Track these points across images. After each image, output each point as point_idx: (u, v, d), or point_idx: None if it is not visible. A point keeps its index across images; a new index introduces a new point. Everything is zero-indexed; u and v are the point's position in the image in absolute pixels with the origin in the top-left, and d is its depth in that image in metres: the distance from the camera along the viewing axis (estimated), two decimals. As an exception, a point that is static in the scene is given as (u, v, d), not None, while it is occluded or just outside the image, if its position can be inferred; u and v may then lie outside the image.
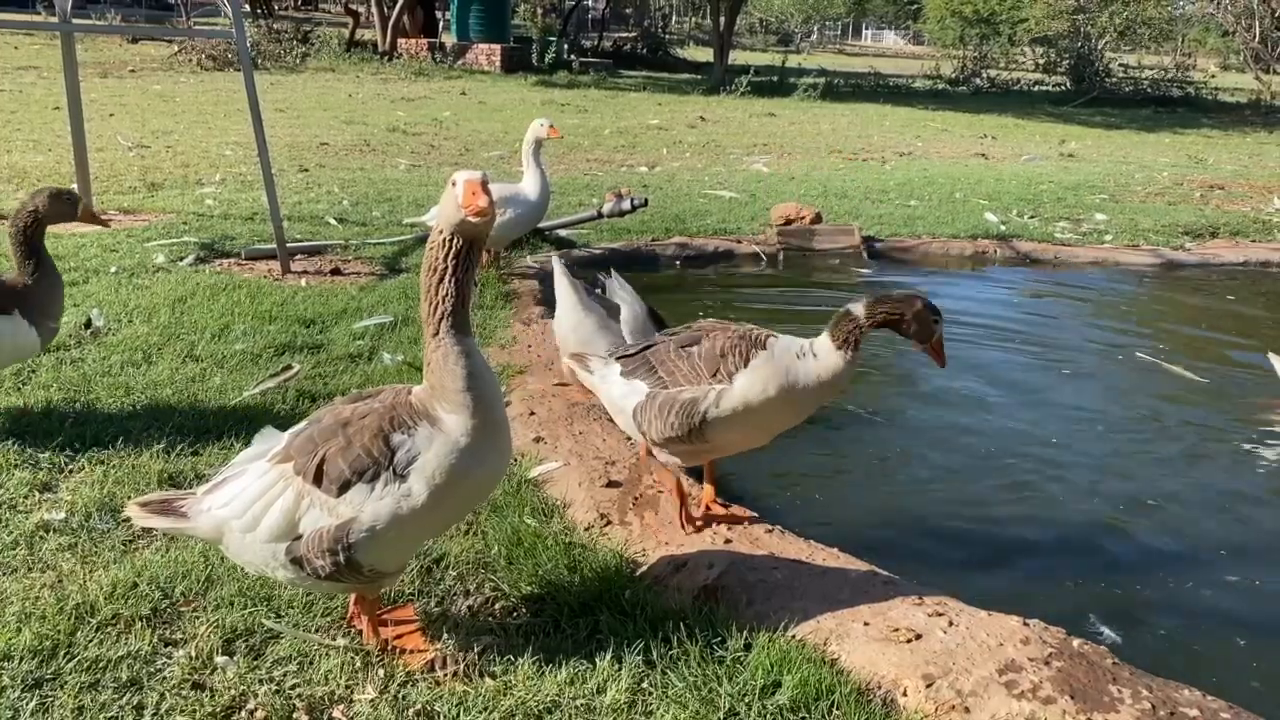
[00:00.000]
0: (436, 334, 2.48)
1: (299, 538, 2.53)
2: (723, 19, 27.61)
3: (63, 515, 3.30)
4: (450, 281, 2.45)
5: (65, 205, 3.80)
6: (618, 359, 3.47)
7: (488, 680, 2.62)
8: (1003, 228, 9.17)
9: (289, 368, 4.66)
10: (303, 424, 2.68)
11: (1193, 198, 11.62)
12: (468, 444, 2.50)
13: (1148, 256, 8.63)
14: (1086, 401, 5.35)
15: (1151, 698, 2.51)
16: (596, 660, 2.70)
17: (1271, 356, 5.18)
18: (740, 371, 3.14)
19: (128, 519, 3.29)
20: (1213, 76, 35.27)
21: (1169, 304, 7.58)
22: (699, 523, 3.37)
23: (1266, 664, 3.20)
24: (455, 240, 2.43)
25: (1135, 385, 5.67)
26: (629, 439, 4.06)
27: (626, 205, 7.52)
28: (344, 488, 2.49)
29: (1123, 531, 3.99)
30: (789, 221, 8.47)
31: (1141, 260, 8.54)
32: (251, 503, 2.55)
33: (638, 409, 3.30)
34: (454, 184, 2.41)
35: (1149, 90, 28.57)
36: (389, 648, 2.73)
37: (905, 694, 2.58)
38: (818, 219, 8.50)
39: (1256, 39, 26.64)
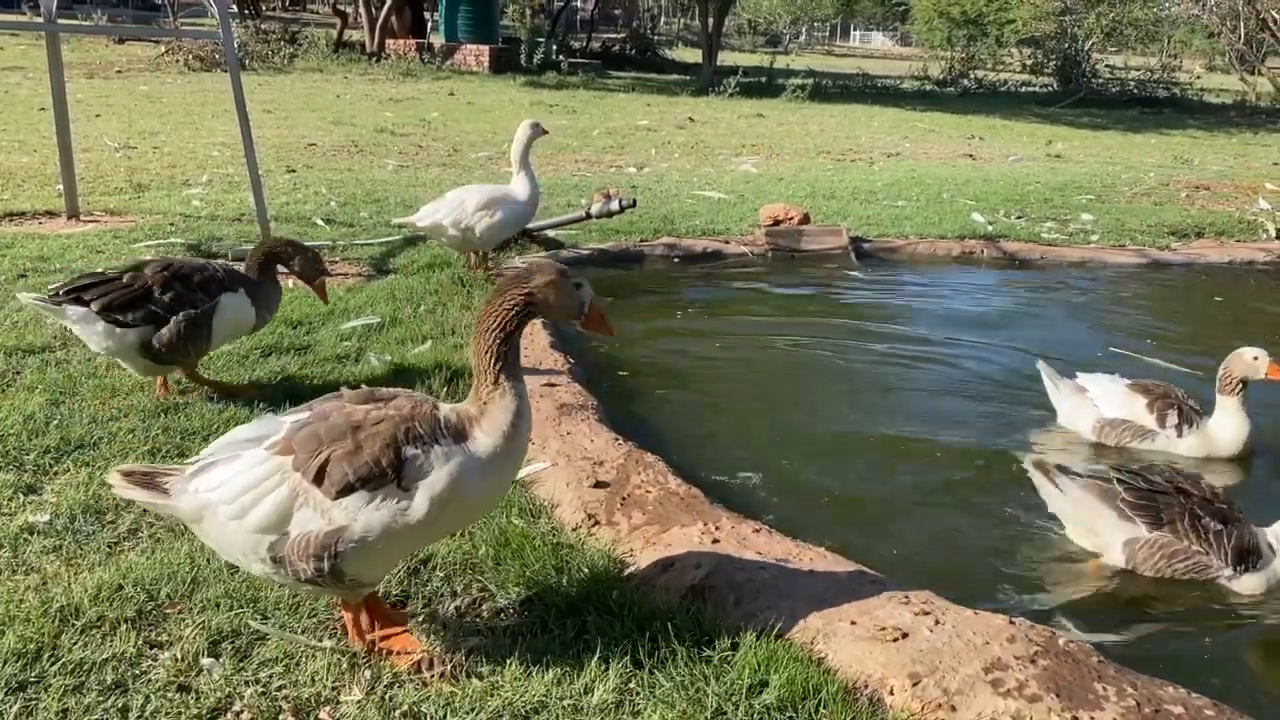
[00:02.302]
0: (497, 382, 2.62)
1: (285, 535, 2.51)
2: (711, 20, 27.64)
3: (47, 518, 3.28)
4: (514, 339, 2.64)
5: (311, 265, 4.57)
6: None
7: (475, 681, 2.62)
8: (990, 228, 9.20)
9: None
10: (303, 413, 2.64)
11: (1178, 198, 11.68)
12: (491, 465, 2.60)
13: (1134, 256, 8.67)
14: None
15: (1136, 695, 2.52)
16: (584, 661, 2.70)
17: (1041, 365, 5.04)
18: None
19: (112, 521, 3.30)
20: (1198, 78, 35.46)
21: (1162, 303, 7.61)
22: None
23: (1253, 661, 3.21)
24: (527, 309, 2.62)
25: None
26: (618, 439, 4.06)
27: (615, 206, 7.52)
28: (344, 492, 2.48)
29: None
30: (777, 222, 8.48)
31: (1128, 260, 8.58)
32: (243, 491, 2.50)
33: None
34: None
35: (1135, 91, 28.72)
36: (376, 649, 2.72)
37: (892, 692, 2.58)
38: (806, 219, 8.52)
39: (1241, 40, 26.78)
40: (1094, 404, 4.83)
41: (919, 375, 5.63)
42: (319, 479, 2.48)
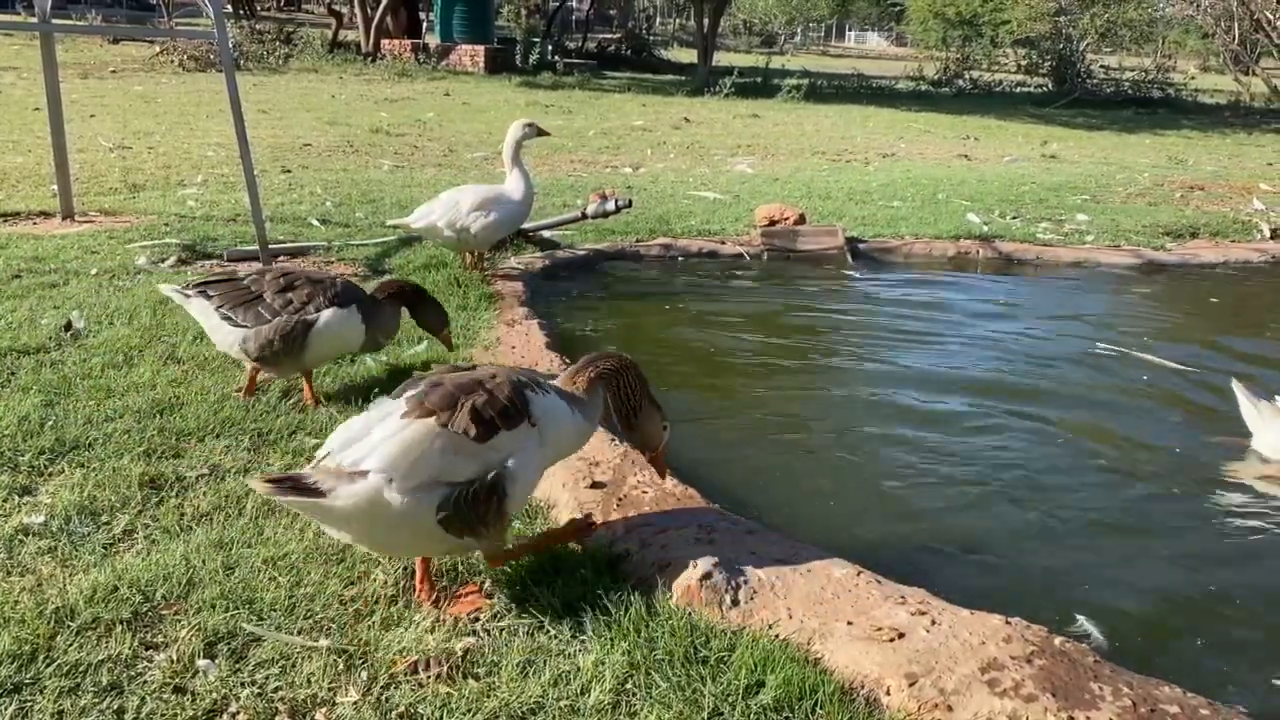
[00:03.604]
0: (591, 385, 3.14)
1: (451, 488, 2.71)
2: (706, 20, 27.65)
3: (42, 519, 3.27)
4: (612, 384, 3.18)
5: (435, 316, 4.75)
6: None
7: (471, 682, 2.62)
8: (985, 228, 9.21)
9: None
10: (413, 388, 2.84)
11: (1173, 198, 11.70)
12: (579, 432, 3.12)
13: (1129, 257, 8.69)
14: (1070, 396, 5.38)
15: (1132, 695, 2.53)
16: (580, 661, 2.70)
17: (1235, 385, 4.87)
18: None
19: (107, 523, 3.29)
20: (1192, 78, 35.50)
21: (1155, 302, 7.63)
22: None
23: (1247, 661, 3.22)
24: (628, 382, 3.17)
25: (1120, 380, 5.70)
26: (614, 440, 4.06)
27: (611, 206, 7.52)
28: (492, 433, 2.75)
29: (1105, 528, 4.01)
30: (773, 222, 8.48)
31: (1122, 260, 8.60)
32: (399, 456, 2.66)
33: None
34: None
35: (1130, 92, 28.74)
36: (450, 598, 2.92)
37: (888, 693, 2.58)
38: (801, 220, 8.52)
39: (1235, 41, 26.85)
40: None
41: (916, 374, 5.64)
42: (466, 427, 2.72)
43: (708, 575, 3.00)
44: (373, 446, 2.68)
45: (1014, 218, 9.88)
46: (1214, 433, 4.99)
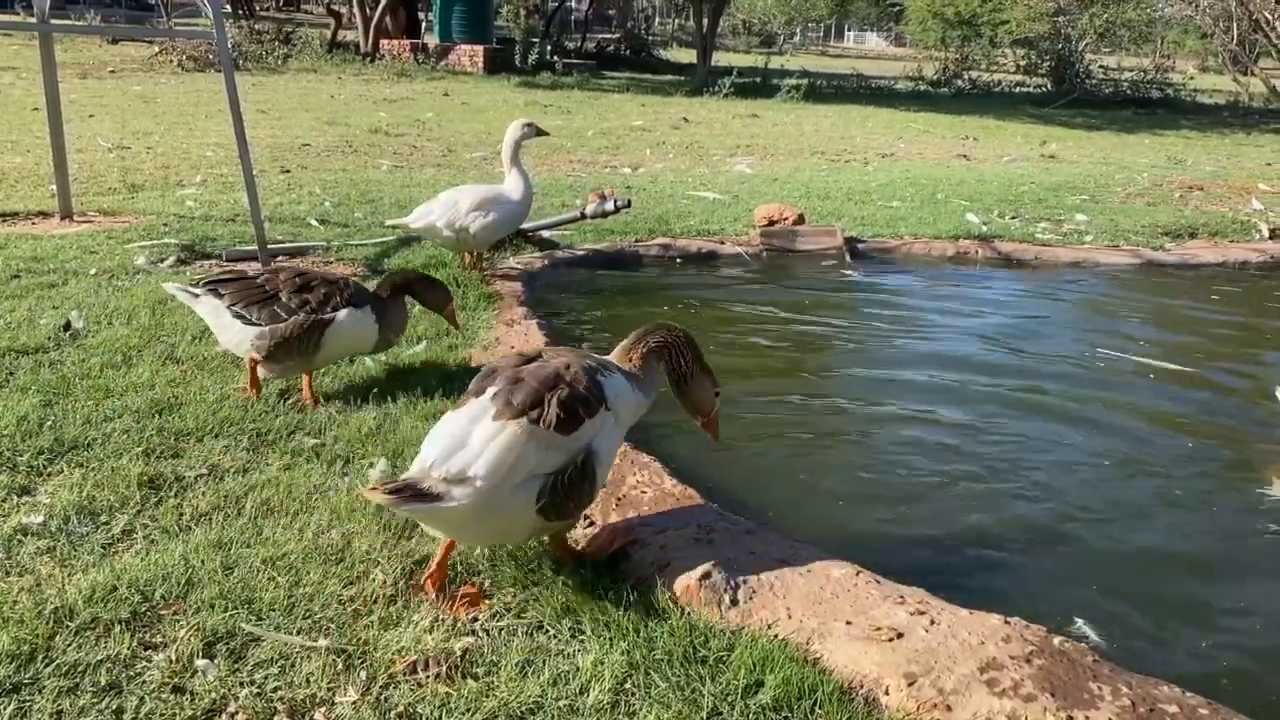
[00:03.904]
0: (645, 359, 3.25)
1: (545, 481, 2.87)
2: (705, 20, 27.64)
3: (41, 519, 3.27)
4: (665, 354, 3.27)
5: (437, 295, 4.72)
6: None
7: (470, 682, 2.62)
8: (984, 228, 9.22)
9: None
10: (493, 385, 2.95)
11: (1172, 198, 11.71)
12: (639, 409, 3.24)
13: (1128, 257, 8.69)
14: (1068, 398, 5.38)
15: (1131, 694, 2.53)
16: (579, 661, 2.70)
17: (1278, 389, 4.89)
18: None
19: (106, 523, 3.29)
20: (1191, 78, 35.51)
21: (1155, 303, 7.63)
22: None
23: (1245, 660, 3.22)
24: (680, 351, 3.28)
25: (1119, 381, 5.70)
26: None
27: (610, 206, 7.52)
28: (577, 425, 2.90)
29: (1103, 527, 4.01)
30: (772, 222, 8.48)
31: (1122, 260, 8.60)
32: (501, 460, 2.80)
33: None
34: None
35: (1129, 92, 28.75)
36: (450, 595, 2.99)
37: (887, 692, 2.58)
38: (800, 220, 8.53)
39: (1234, 41, 26.86)
40: None
41: (914, 374, 5.64)
42: (555, 423, 2.86)
43: (707, 575, 3.00)
44: (475, 454, 2.81)
45: (1013, 218, 9.89)
46: (1212, 433, 5.00)
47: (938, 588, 3.04)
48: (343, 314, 4.31)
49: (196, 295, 4.33)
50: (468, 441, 2.84)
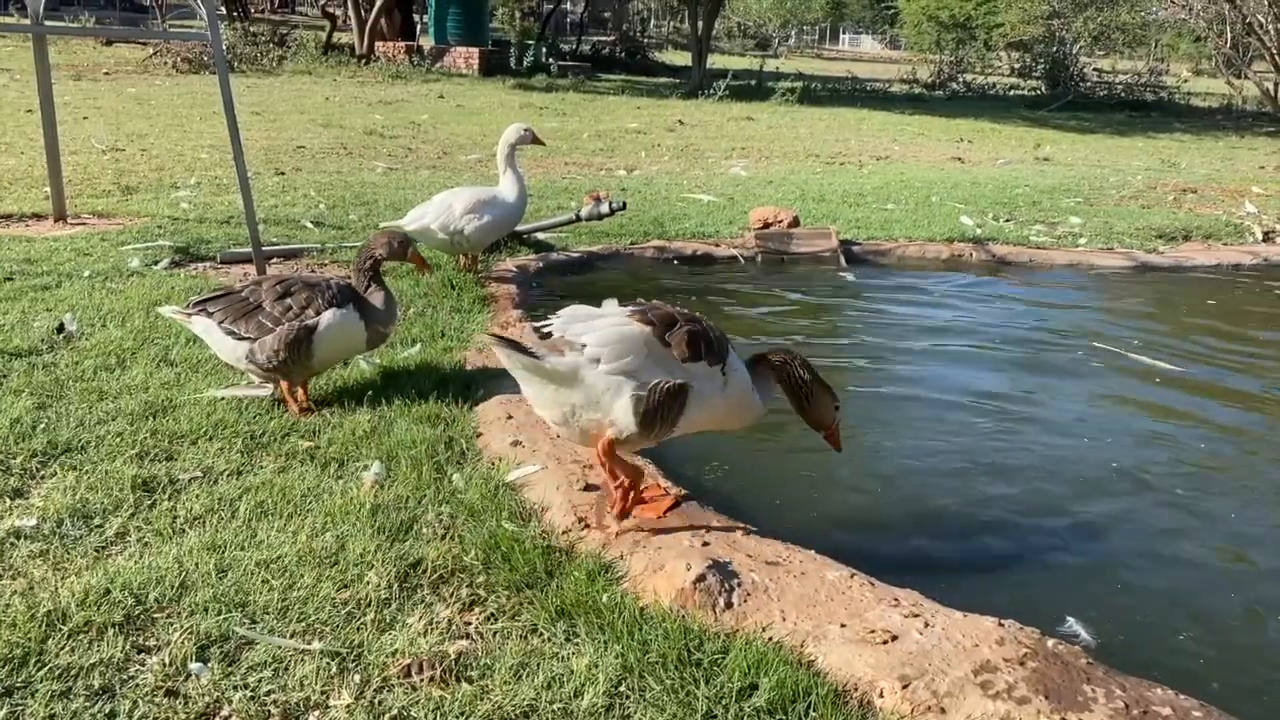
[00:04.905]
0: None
1: (644, 384, 3.14)
2: (701, 23, 27.67)
3: (34, 521, 3.26)
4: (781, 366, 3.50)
5: (399, 248, 4.64)
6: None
7: (465, 685, 2.62)
8: (979, 231, 9.23)
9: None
10: (634, 305, 3.31)
11: (1166, 201, 11.73)
12: (751, 407, 3.46)
13: (1121, 259, 8.71)
14: (1063, 399, 5.39)
15: (1125, 697, 2.53)
16: (574, 664, 2.70)
17: None
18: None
19: (100, 525, 3.28)
20: (1185, 81, 35.67)
21: (1149, 305, 7.65)
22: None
23: (1239, 662, 3.23)
24: (797, 372, 3.48)
25: (1114, 383, 5.72)
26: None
27: (605, 208, 7.52)
28: (694, 359, 3.20)
29: (1098, 528, 4.02)
30: (767, 225, 8.49)
31: (1115, 263, 8.62)
32: (616, 344, 3.13)
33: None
34: None
35: (1123, 95, 28.85)
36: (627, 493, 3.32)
37: (882, 695, 2.59)
38: (795, 222, 8.53)
39: (1228, 44, 26.93)
40: None
41: (909, 376, 5.64)
42: (678, 343, 3.18)
43: (701, 578, 3.00)
44: (592, 329, 3.16)
45: (1007, 220, 9.90)
46: (1209, 433, 5.01)
47: (932, 590, 3.05)
48: (327, 316, 4.27)
49: (190, 316, 4.33)
50: (592, 323, 3.18)
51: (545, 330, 3.26)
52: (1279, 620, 3.45)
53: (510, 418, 4.26)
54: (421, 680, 2.63)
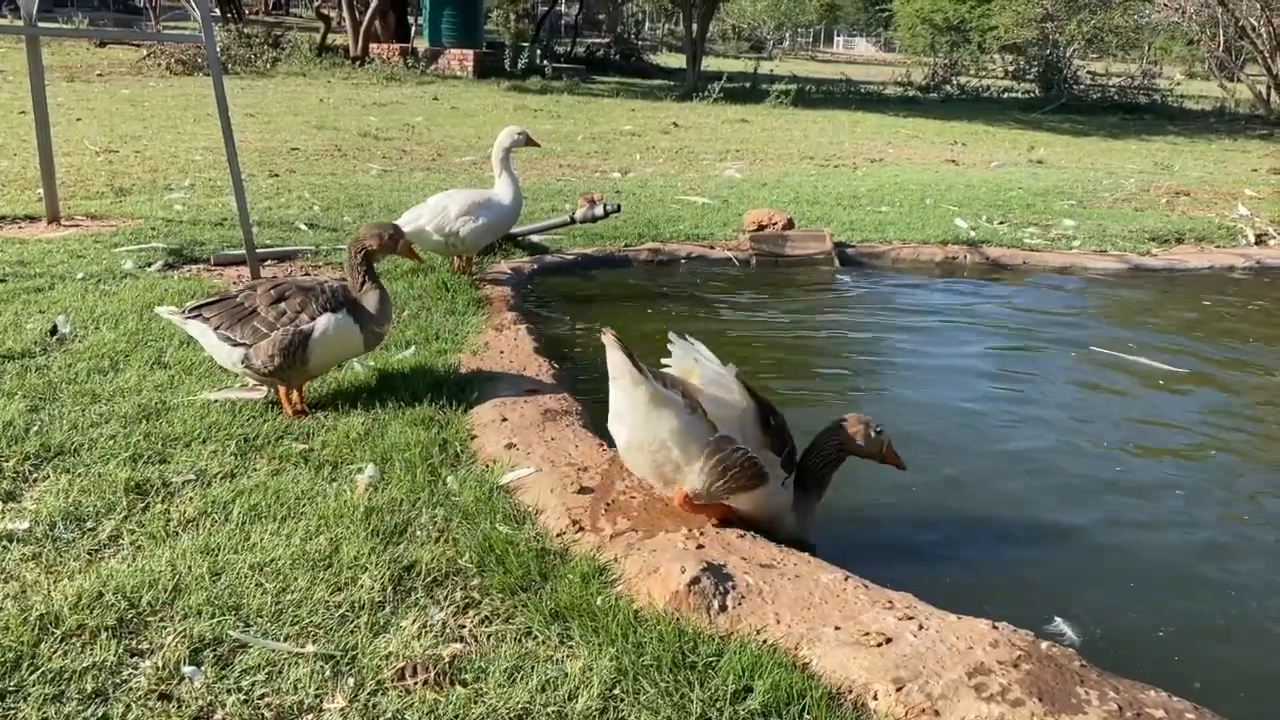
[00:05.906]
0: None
1: (730, 441, 3.31)
2: (695, 26, 27.69)
3: (26, 525, 3.25)
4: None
5: (390, 240, 4.54)
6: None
7: (459, 688, 2.61)
8: (972, 233, 9.25)
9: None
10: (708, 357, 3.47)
11: (1159, 203, 11.77)
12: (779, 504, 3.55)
13: (1115, 262, 8.73)
14: (1059, 400, 5.40)
15: (1118, 699, 2.54)
16: (568, 667, 2.69)
17: None
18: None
19: (93, 529, 3.27)
20: (1178, 84, 35.72)
21: (1144, 307, 7.67)
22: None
23: (1234, 664, 3.23)
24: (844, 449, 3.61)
25: (1109, 384, 5.73)
26: (603, 445, 4.06)
27: (599, 211, 7.53)
28: (778, 451, 3.45)
29: (1092, 530, 4.02)
30: (761, 227, 8.50)
31: (1109, 265, 8.64)
32: (722, 416, 3.32)
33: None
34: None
35: (1116, 97, 28.93)
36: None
37: (876, 698, 2.59)
38: (790, 225, 8.54)
39: (1221, 47, 27.01)
40: None
41: (904, 378, 5.65)
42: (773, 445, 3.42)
43: (695, 580, 3.00)
44: (689, 371, 3.44)
45: (1001, 223, 9.92)
46: (1205, 434, 5.02)
47: (926, 592, 3.05)
48: (322, 320, 4.25)
49: (186, 320, 4.33)
50: (698, 361, 3.44)
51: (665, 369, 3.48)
52: (1265, 620, 3.46)
53: (505, 420, 4.26)
54: (416, 683, 2.62)
